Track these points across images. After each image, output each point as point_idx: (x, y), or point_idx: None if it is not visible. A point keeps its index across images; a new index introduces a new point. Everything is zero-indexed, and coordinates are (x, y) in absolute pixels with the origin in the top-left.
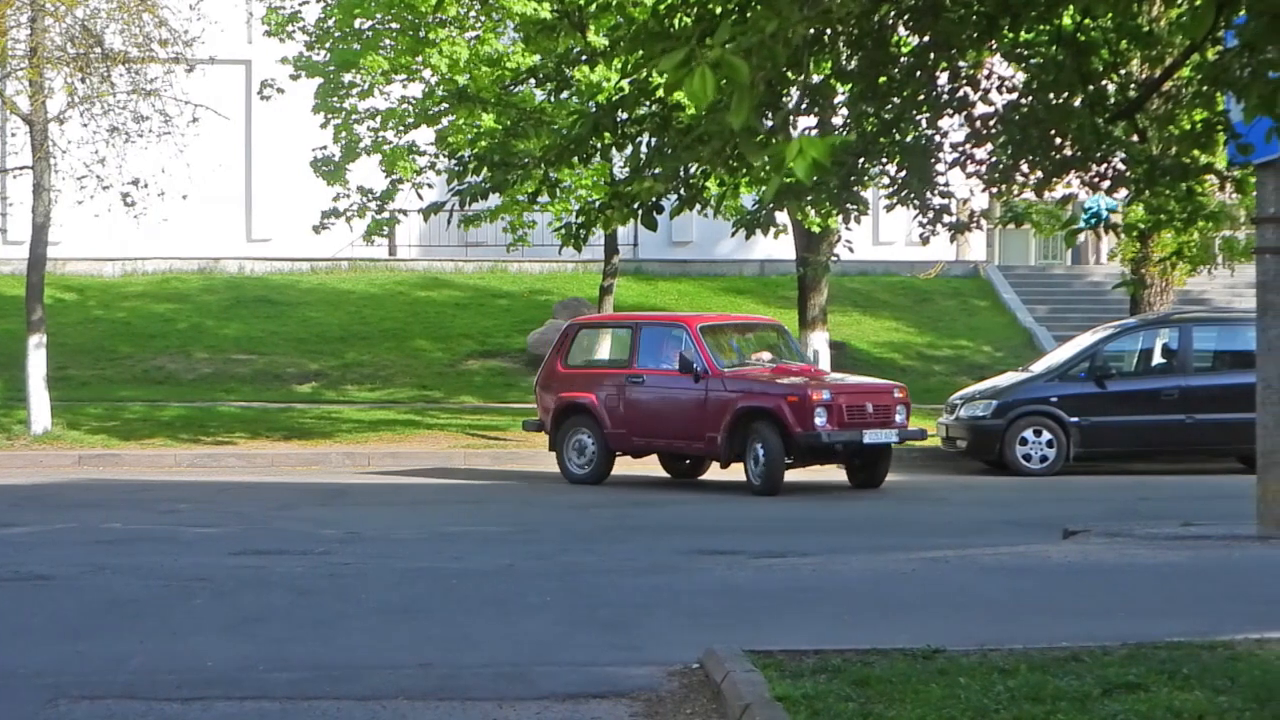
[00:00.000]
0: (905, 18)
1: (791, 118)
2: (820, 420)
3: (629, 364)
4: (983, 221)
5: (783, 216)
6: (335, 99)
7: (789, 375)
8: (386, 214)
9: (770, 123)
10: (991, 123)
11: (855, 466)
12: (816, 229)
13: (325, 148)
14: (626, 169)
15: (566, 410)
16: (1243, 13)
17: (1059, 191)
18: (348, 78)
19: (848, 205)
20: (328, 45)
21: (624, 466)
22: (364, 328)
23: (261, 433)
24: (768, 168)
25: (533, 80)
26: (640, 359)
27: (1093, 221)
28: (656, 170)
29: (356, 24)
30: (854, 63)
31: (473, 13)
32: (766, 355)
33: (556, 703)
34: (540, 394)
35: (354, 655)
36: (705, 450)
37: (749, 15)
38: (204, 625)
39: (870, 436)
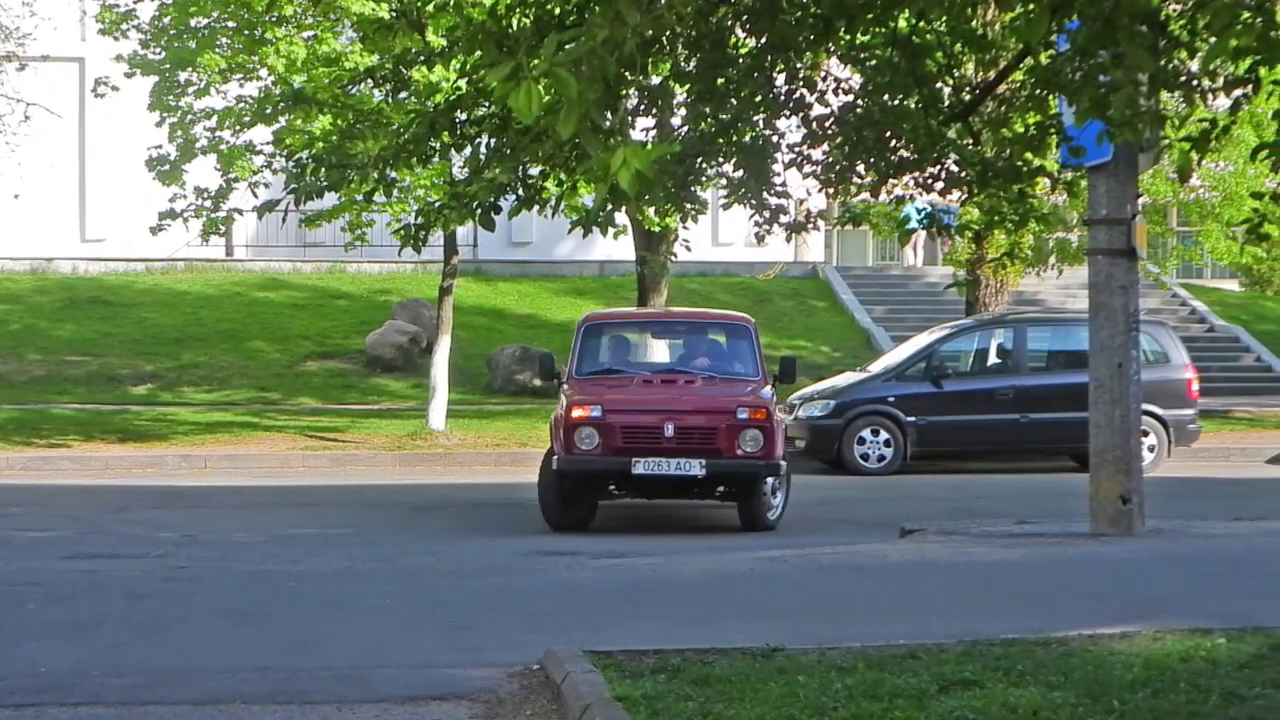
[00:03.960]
0: (742, 20)
1: (630, 118)
2: (587, 444)
3: None
4: (819, 222)
5: (622, 217)
6: (171, 98)
7: (658, 387)
8: (223, 213)
9: (610, 123)
10: (828, 124)
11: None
12: (656, 229)
13: (160, 147)
14: (466, 169)
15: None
16: (1075, 18)
17: (896, 192)
18: (184, 76)
19: (685, 205)
20: (163, 43)
21: None
22: (200, 329)
23: (96, 435)
24: (599, 171)
25: (370, 81)
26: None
27: (925, 222)
28: (495, 170)
29: (192, 22)
30: (692, 64)
31: (310, 14)
32: (704, 361)
33: (396, 705)
34: None
35: (191, 659)
36: None
37: (587, 18)
38: (36, 630)
39: (643, 467)
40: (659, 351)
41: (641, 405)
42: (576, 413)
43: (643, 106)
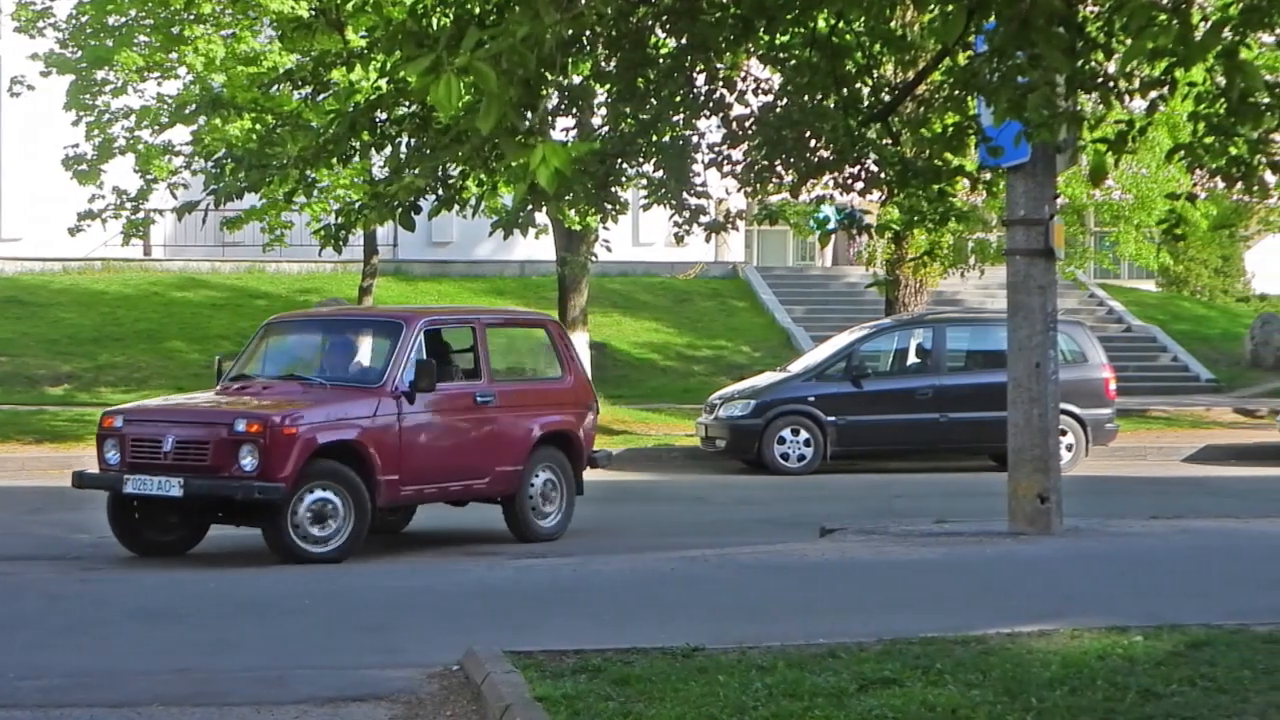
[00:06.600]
0: (662, 20)
1: (550, 118)
2: (111, 456)
3: None
4: (739, 222)
5: (543, 217)
6: (88, 96)
7: (228, 395)
8: (142, 214)
9: (529, 123)
10: (748, 124)
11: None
12: (577, 228)
13: (77, 146)
14: (386, 169)
15: None
16: (992, 19)
17: (816, 192)
18: (101, 75)
19: (606, 205)
20: (80, 41)
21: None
22: (118, 329)
23: (12, 436)
24: (520, 170)
25: (289, 82)
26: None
27: (845, 222)
28: (416, 170)
29: (110, 20)
30: (612, 64)
31: (228, 11)
32: (358, 365)
33: (315, 707)
34: None
35: (109, 661)
36: None
37: (506, 16)
38: None
39: (133, 485)
40: (321, 354)
41: (157, 416)
42: (105, 423)
43: (563, 106)
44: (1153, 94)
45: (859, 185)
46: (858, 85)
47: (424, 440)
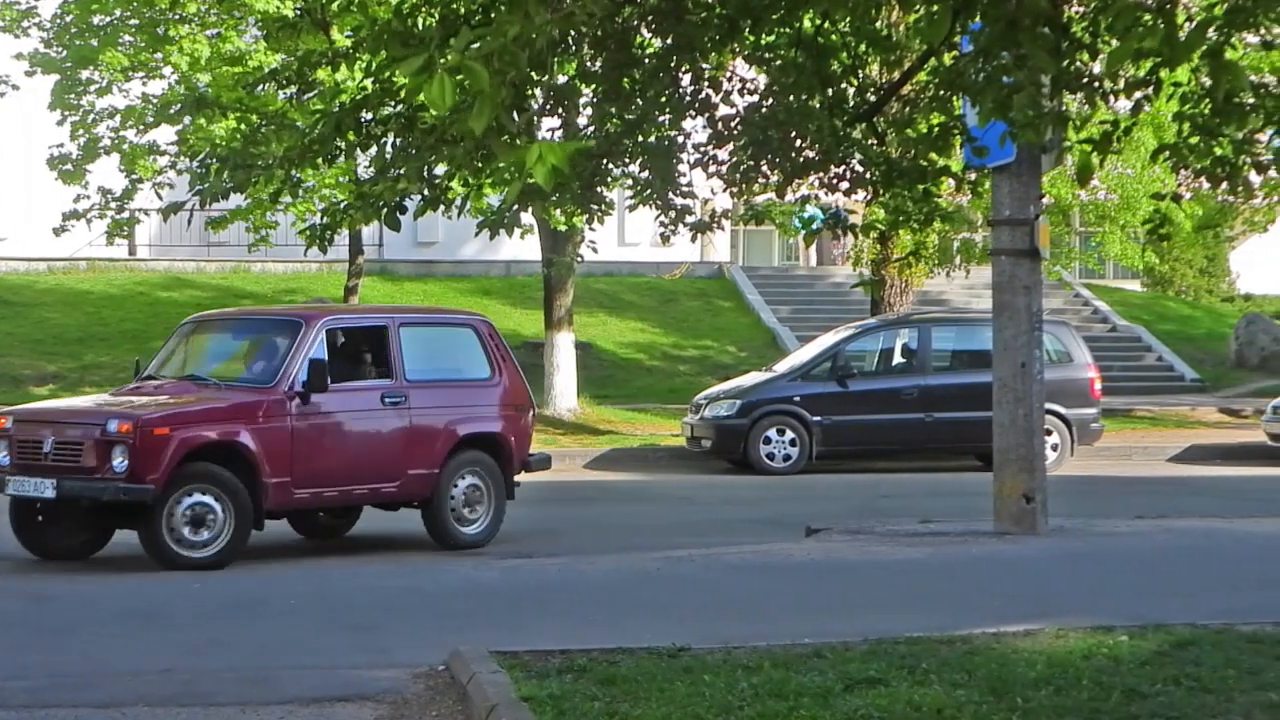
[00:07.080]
0: (648, 20)
1: (536, 119)
2: (2, 457)
3: None
4: (724, 222)
5: (528, 217)
6: (73, 96)
7: (121, 395)
8: (127, 214)
9: (517, 124)
10: (733, 124)
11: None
12: (563, 228)
13: (62, 145)
14: (372, 169)
15: None
16: (977, 19)
17: (802, 191)
18: (85, 74)
19: (591, 205)
20: (65, 41)
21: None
22: (103, 329)
23: None
24: (511, 170)
25: (274, 82)
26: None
27: (830, 222)
28: (401, 170)
29: (95, 20)
30: (598, 64)
31: (213, 11)
32: (261, 365)
33: (301, 706)
34: None
35: (94, 662)
36: None
37: (493, 17)
38: None
39: (15, 486)
40: (225, 354)
41: (41, 416)
42: None
43: (548, 106)
44: (1138, 94)
45: (844, 185)
46: (843, 85)
47: (320, 442)
